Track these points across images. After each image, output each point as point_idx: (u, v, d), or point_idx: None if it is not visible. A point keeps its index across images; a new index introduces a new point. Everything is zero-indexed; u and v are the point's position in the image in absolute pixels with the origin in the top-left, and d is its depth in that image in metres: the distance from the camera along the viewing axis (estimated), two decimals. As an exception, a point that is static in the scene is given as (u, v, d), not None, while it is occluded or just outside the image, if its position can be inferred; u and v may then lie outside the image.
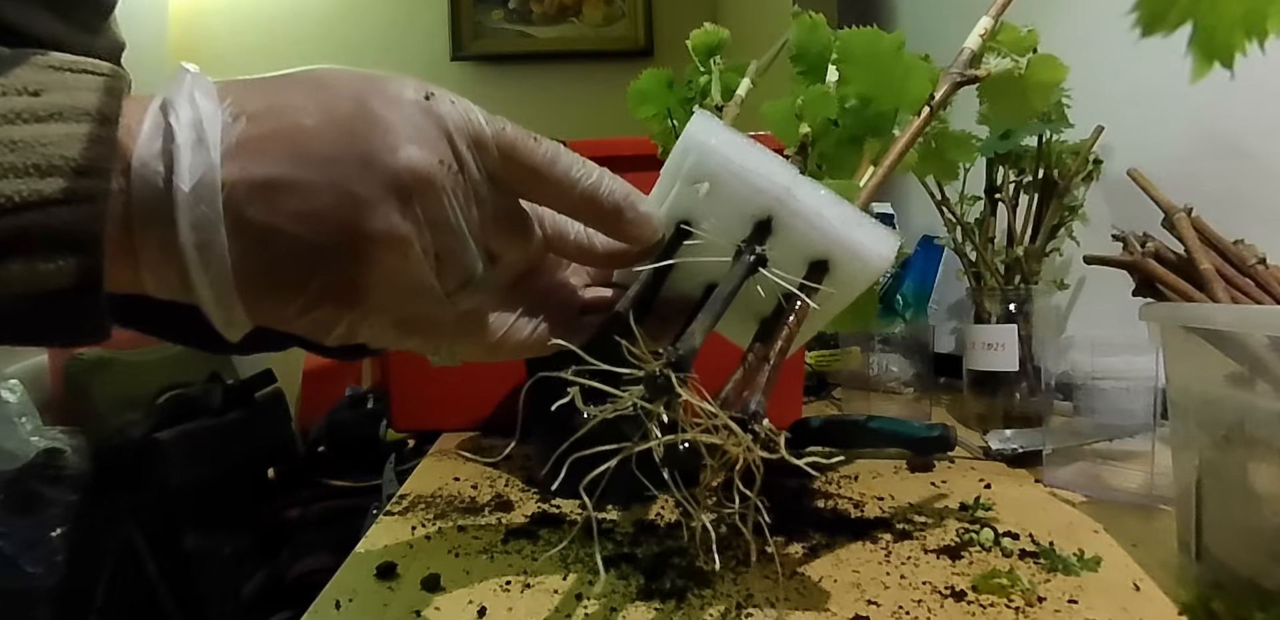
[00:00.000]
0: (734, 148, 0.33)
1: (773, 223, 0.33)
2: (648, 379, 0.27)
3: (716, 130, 0.33)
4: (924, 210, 0.94)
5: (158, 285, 0.26)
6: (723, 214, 0.33)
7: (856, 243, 0.32)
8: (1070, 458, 0.62)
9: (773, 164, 0.33)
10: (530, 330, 0.38)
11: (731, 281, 0.32)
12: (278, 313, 0.27)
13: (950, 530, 0.50)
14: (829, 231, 0.32)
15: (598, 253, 0.36)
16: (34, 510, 1.06)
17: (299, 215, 0.25)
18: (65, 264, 0.23)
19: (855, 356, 0.86)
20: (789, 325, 0.32)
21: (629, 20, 2.18)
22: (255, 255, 0.25)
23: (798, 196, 0.32)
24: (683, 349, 0.28)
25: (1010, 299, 0.77)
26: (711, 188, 0.33)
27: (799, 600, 0.41)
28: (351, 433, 1.54)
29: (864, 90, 0.46)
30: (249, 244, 0.25)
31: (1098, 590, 0.41)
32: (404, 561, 0.46)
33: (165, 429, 1.27)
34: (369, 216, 0.26)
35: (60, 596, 1.06)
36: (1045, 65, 0.44)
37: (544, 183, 0.30)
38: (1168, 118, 0.75)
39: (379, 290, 0.27)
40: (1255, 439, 0.38)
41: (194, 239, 0.24)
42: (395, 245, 0.26)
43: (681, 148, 0.33)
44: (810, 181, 0.33)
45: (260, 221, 0.25)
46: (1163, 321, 0.45)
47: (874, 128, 0.46)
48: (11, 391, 1.11)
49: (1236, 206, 0.56)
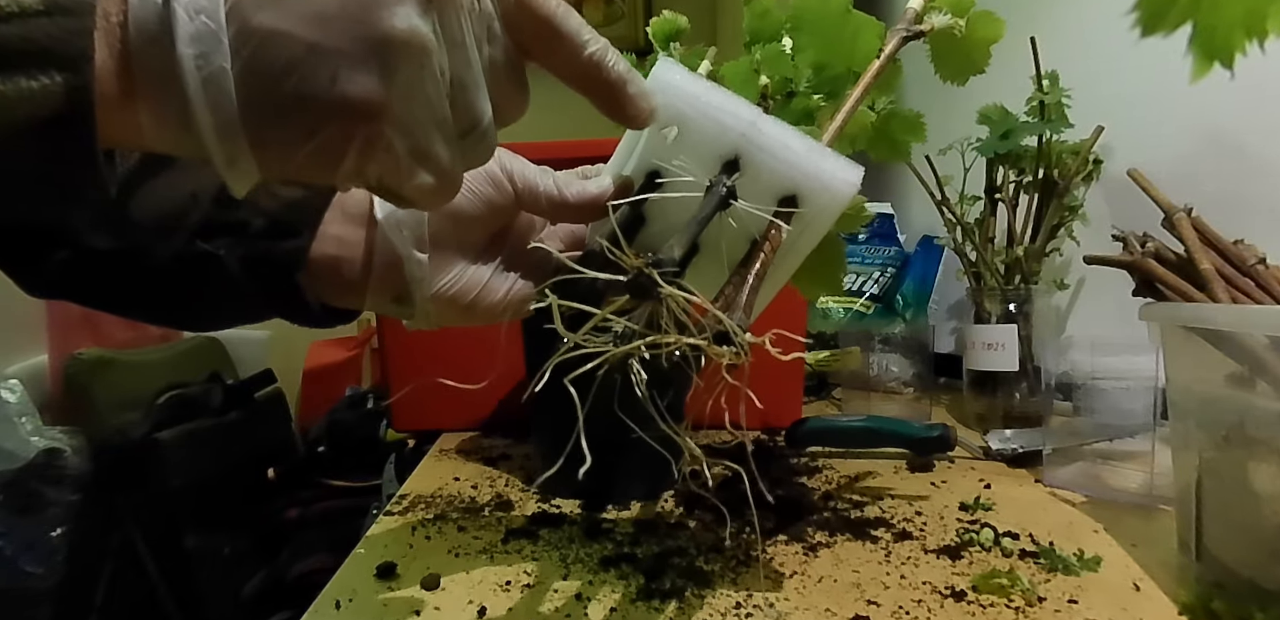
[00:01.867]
0: (698, 86, 0.34)
1: (740, 160, 0.34)
2: (632, 281, 0.28)
3: (680, 72, 0.34)
4: (924, 210, 0.94)
5: (157, 128, 0.24)
6: (692, 155, 0.34)
7: (823, 172, 0.33)
8: (1070, 458, 0.62)
9: (736, 102, 0.34)
10: (505, 291, 0.39)
11: (704, 210, 0.32)
12: (285, 137, 0.24)
13: (950, 530, 0.50)
14: (795, 163, 0.33)
15: (570, 204, 0.36)
16: (34, 510, 1.06)
17: (310, 16, 0.23)
18: (51, 82, 0.21)
19: (855, 356, 0.86)
20: (764, 251, 0.33)
21: (629, 20, 2.18)
22: (260, 68, 0.23)
23: (763, 130, 0.33)
24: (663, 254, 0.29)
25: (1010, 299, 0.77)
26: (680, 129, 0.33)
27: (799, 600, 0.41)
28: (351, 433, 1.54)
29: (818, 56, 0.49)
30: (254, 54, 0.23)
31: (1098, 590, 0.41)
32: (404, 561, 0.46)
33: (165, 429, 1.27)
34: (387, 15, 0.23)
35: (60, 596, 1.06)
36: (984, 22, 0.45)
37: (554, 37, 0.29)
38: (1168, 118, 0.75)
39: (396, 103, 0.25)
40: (1255, 439, 0.38)
41: (193, 52, 0.22)
42: (414, 51, 0.24)
43: None
44: (773, 118, 0.34)
45: (267, 27, 0.23)
46: (1163, 321, 0.45)
47: (831, 92, 0.49)
48: (11, 391, 1.11)
49: (1236, 206, 0.56)
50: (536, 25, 0.29)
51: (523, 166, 0.37)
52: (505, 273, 0.39)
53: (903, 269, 1.10)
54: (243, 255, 0.37)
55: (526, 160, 0.38)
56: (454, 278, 0.38)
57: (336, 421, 1.58)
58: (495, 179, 0.37)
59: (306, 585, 0.75)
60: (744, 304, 0.31)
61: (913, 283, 1.08)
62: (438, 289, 0.38)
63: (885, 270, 1.09)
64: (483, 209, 0.37)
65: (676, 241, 0.30)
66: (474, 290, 0.38)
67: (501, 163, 0.37)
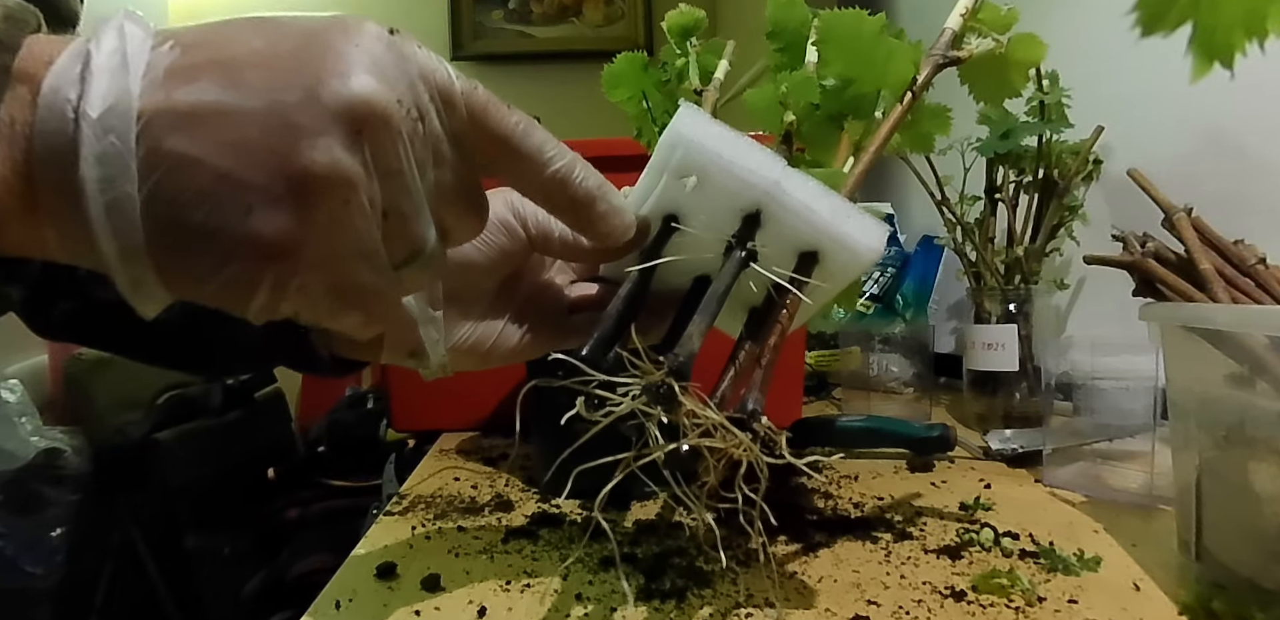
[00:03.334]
0: (721, 141, 0.32)
1: (761, 215, 0.33)
2: (650, 388, 0.27)
3: (703, 124, 0.33)
4: (924, 210, 0.94)
5: (61, 242, 0.22)
6: (711, 208, 0.33)
7: (846, 235, 0.33)
8: (1070, 458, 0.62)
9: (761, 157, 0.33)
10: (520, 336, 0.38)
11: (724, 279, 0.32)
12: (191, 268, 0.23)
13: (950, 530, 0.50)
14: (819, 224, 0.32)
15: (585, 250, 0.35)
16: (34, 510, 1.06)
17: (225, 145, 0.22)
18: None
19: (855, 356, 0.86)
20: (781, 320, 0.32)
21: (629, 20, 2.18)
22: (169, 195, 0.21)
23: (786, 189, 0.32)
24: (683, 356, 0.28)
25: (1010, 299, 0.77)
26: (699, 182, 0.32)
27: (799, 600, 0.41)
28: (351, 433, 1.54)
29: (845, 71, 0.46)
30: (163, 181, 0.21)
31: (1098, 590, 0.41)
32: (404, 561, 0.46)
33: (165, 429, 1.27)
34: (308, 148, 0.22)
35: (60, 596, 1.06)
36: (1025, 44, 0.44)
37: (513, 156, 0.27)
38: (1168, 118, 0.75)
39: (314, 241, 0.23)
40: (1255, 439, 0.38)
41: (98, 174, 0.21)
42: (337, 186, 0.22)
43: (668, 142, 0.33)
44: (798, 173, 0.33)
45: (179, 152, 0.21)
46: (1163, 321, 0.45)
47: (855, 109, 0.46)
48: (11, 391, 1.11)
49: (1236, 206, 0.56)
50: (494, 144, 0.27)
51: (534, 210, 0.36)
52: (519, 318, 0.38)
53: (903, 269, 1.10)
54: None
55: None
56: (469, 330, 0.37)
57: (336, 421, 1.58)
58: (509, 226, 0.36)
59: (306, 585, 0.75)
60: (760, 382, 0.30)
61: (913, 283, 1.08)
62: (454, 343, 0.36)
63: (885, 270, 1.09)
64: (496, 258, 0.36)
65: (695, 330, 0.29)
66: (490, 340, 0.37)
67: (514, 208, 0.36)
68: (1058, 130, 0.76)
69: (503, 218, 0.35)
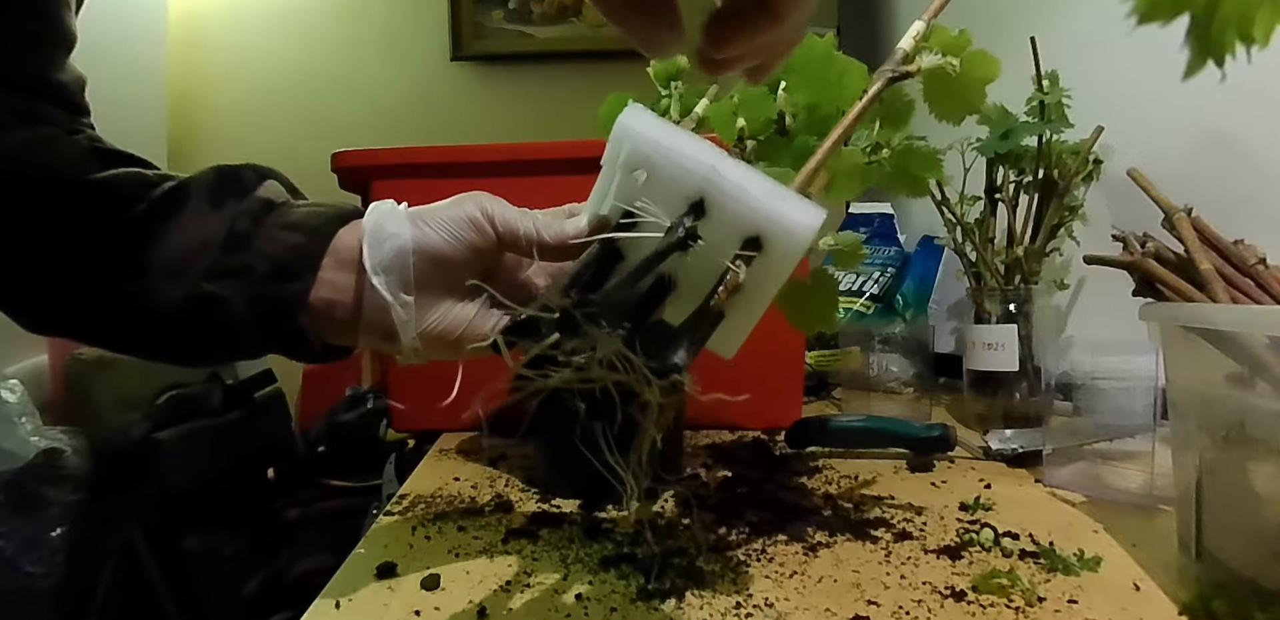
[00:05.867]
0: (662, 132, 0.35)
1: (705, 202, 0.34)
2: (561, 319, 0.30)
3: (645, 118, 0.36)
4: (924, 210, 0.94)
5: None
6: (663, 199, 0.35)
7: (781, 213, 0.34)
8: (1070, 458, 0.62)
9: (699, 145, 0.35)
10: (491, 325, 0.40)
11: (658, 248, 0.34)
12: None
13: (950, 530, 0.50)
14: (752, 204, 0.34)
15: (549, 245, 0.39)
16: (34, 510, 1.06)
17: None
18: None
19: (855, 356, 0.86)
20: (719, 293, 0.33)
21: (629, 20, 2.18)
22: None
23: (722, 173, 0.34)
24: (597, 296, 0.31)
25: (1010, 299, 0.77)
26: (647, 173, 0.35)
27: (799, 600, 0.41)
28: (352, 433, 1.54)
29: (809, 97, 0.50)
30: None
31: (1098, 590, 0.41)
32: (404, 561, 0.46)
33: (165, 429, 1.27)
34: None
35: (60, 596, 1.06)
36: (979, 62, 0.45)
37: None
38: (1168, 118, 0.75)
39: None
40: (1255, 439, 0.38)
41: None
42: None
43: (616, 137, 0.36)
44: (736, 161, 0.35)
45: None
46: (1163, 321, 0.45)
47: (820, 131, 0.50)
48: (11, 391, 1.10)
49: (1236, 206, 0.56)
50: None
51: (503, 210, 0.40)
52: (491, 309, 0.41)
53: (903, 269, 1.10)
54: (249, 297, 0.39)
55: (507, 203, 0.40)
56: (439, 317, 0.40)
57: (336, 421, 1.57)
58: (477, 224, 0.39)
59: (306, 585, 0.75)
60: (690, 344, 0.31)
61: (913, 283, 1.08)
62: (424, 328, 0.40)
63: (885, 270, 1.09)
64: (466, 252, 0.39)
65: (621, 279, 0.33)
66: (459, 328, 0.40)
67: (483, 207, 0.39)
68: (1058, 130, 0.76)
69: (472, 216, 0.39)
